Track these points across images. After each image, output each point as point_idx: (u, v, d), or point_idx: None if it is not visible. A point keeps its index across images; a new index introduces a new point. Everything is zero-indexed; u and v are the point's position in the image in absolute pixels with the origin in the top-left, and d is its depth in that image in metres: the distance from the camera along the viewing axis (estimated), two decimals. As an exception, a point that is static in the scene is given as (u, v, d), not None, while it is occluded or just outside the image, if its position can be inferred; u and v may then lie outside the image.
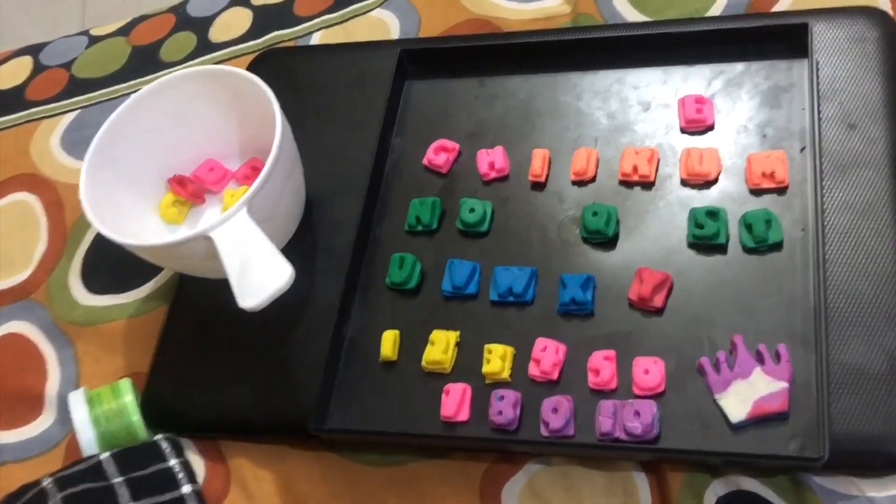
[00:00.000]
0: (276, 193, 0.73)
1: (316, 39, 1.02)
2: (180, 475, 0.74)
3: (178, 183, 0.84)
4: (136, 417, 0.77)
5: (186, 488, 0.74)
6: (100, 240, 0.72)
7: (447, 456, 0.72)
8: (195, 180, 0.85)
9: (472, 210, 0.77)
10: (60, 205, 0.98)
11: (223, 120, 0.84)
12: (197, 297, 0.83)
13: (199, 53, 1.06)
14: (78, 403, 0.77)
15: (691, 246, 0.71)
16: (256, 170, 0.80)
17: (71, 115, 1.05)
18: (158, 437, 0.77)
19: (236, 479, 0.76)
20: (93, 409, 0.77)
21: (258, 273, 0.66)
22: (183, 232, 0.84)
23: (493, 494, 0.70)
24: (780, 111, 0.75)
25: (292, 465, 0.74)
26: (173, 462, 0.75)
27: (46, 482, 0.74)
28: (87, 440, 0.76)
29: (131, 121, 0.81)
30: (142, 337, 0.85)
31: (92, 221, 0.74)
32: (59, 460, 0.81)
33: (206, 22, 1.08)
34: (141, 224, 0.82)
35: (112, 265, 0.90)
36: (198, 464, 0.77)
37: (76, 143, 1.02)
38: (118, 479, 0.73)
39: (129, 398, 0.77)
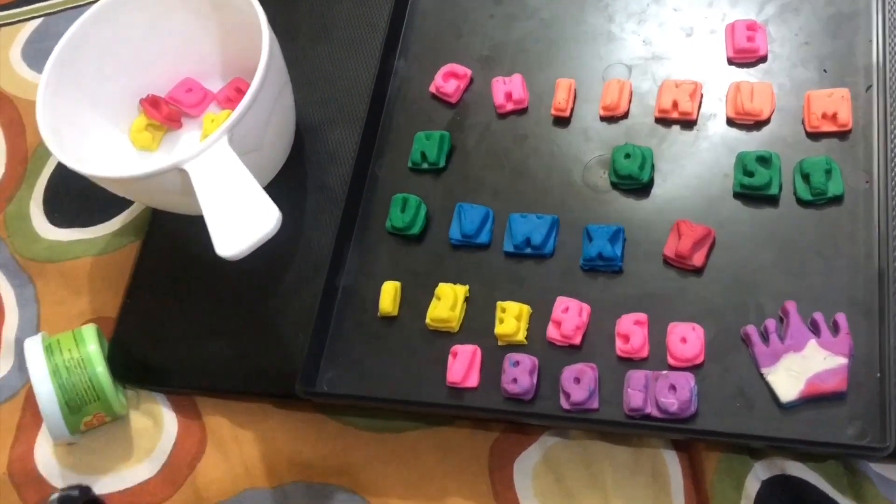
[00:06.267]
0: (262, 121, 0.67)
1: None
2: None
3: (151, 104, 0.78)
4: (100, 368, 0.69)
5: None
6: (64, 166, 0.67)
7: (452, 423, 0.66)
8: (171, 101, 0.80)
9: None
10: (20, 125, 0.90)
11: (204, 34, 0.78)
12: (173, 233, 0.77)
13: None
14: (35, 351, 0.69)
15: (738, 196, 0.64)
16: (241, 92, 0.77)
17: (33, 24, 0.97)
18: None
19: (213, 439, 0.70)
20: (51, 358, 0.69)
21: (240, 216, 0.59)
22: (156, 161, 0.78)
23: (503, 468, 0.64)
24: (842, 42, 0.67)
25: (275, 426, 0.69)
26: None
27: None
28: (45, 393, 0.68)
29: (98, 31, 0.75)
30: (110, 277, 0.78)
31: (49, 146, 0.68)
32: (17, 411, 0.75)
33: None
34: (109, 150, 0.76)
35: (78, 195, 0.83)
36: (170, 419, 0.72)
37: (39, 54, 0.94)
38: None
39: (93, 347, 0.70)
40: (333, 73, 0.79)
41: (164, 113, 0.78)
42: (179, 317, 0.73)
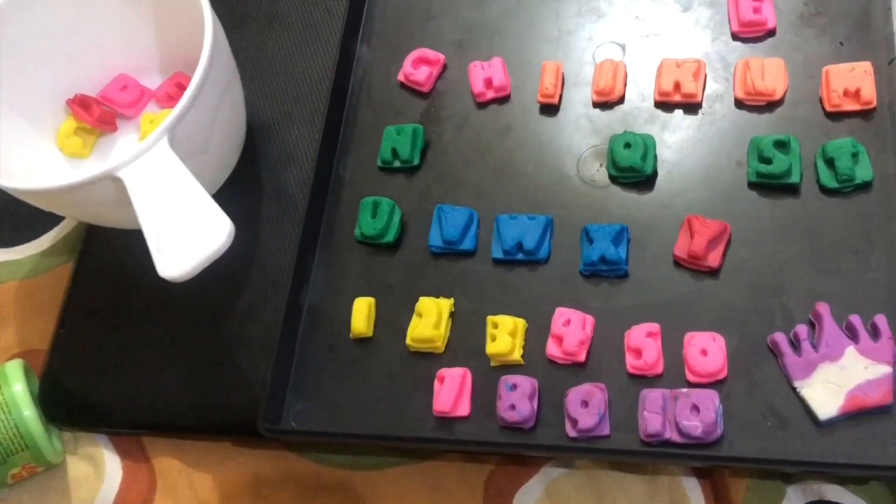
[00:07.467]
0: (207, 119, 0.62)
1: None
2: None
3: (80, 105, 0.73)
4: (28, 412, 0.63)
5: None
6: (-18, 179, 0.63)
7: (441, 457, 0.61)
8: (103, 101, 0.75)
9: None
10: (-68, 133, 0.81)
11: (138, 23, 0.73)
12: (111, 251, 0.73)
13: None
14: (-49, 396, 0.62)
15: (754, 186, 0.59)
16: (182, 88, 0.73)
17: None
18: None
19: (163, 484, 0.65)
20: (-29, 403, 0.62)
21: (185, 230, 0.53)
22: (86, 169, 0.72)
23: (500, 506, 0.59)
24: (858, 10, 0.63)
25: (235, 468, 0.64)
26: None
27: None
28: (-36, 444, 0.60)
29: (14, 22, 0.69)
30: (39, 304, 0.73)
31: (-41, 156, 0.61)
32: (-64, 463, 0.66)
33: None
34: (32, 158, 0.70)
35: None
36: (112, 464, 0.66)
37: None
38: None
39: (18, 387, 0.63)
40: (288, 63, 0.76)
41: (96, 114, 0.72)
42: (121, 347, 0.68)
